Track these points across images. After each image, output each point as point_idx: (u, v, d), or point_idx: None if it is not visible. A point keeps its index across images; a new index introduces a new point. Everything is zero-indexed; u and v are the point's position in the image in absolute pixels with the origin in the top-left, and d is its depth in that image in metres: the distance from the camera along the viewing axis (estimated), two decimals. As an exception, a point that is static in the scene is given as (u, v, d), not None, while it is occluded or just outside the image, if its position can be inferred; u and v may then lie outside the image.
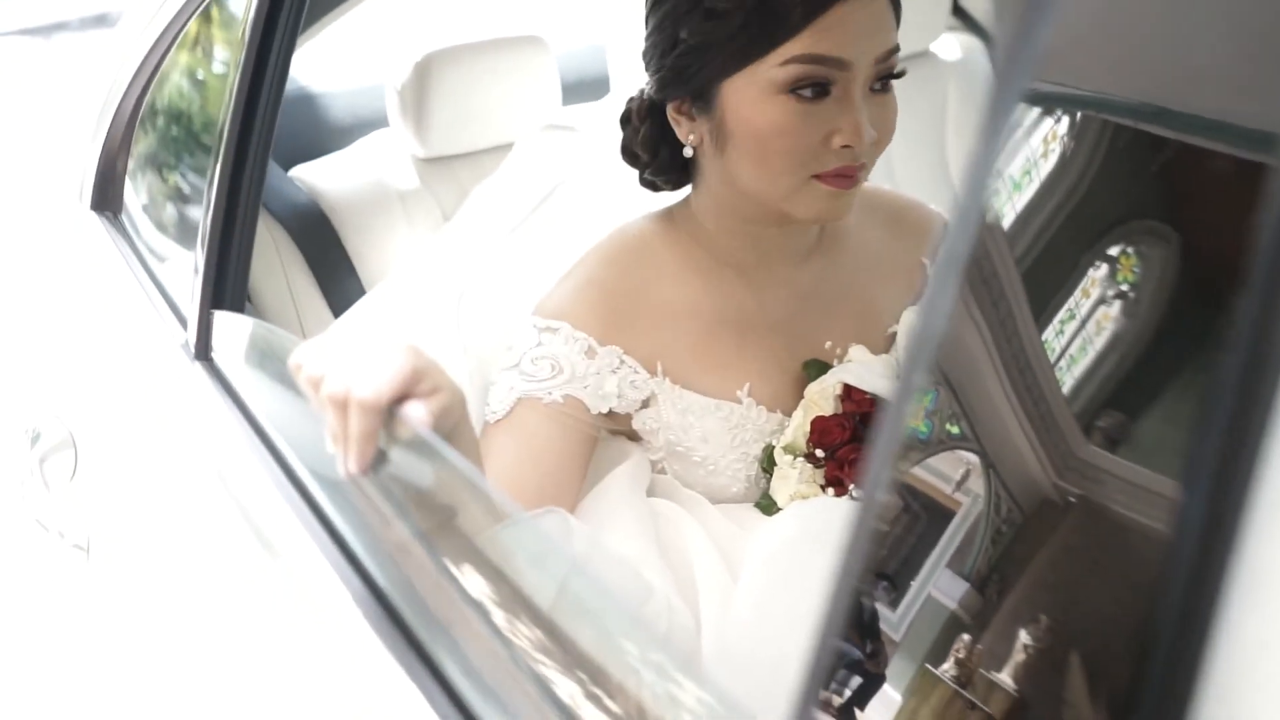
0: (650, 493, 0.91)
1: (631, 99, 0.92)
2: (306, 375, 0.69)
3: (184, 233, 1.19)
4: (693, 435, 0.89)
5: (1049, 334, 0.39)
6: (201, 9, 1.22)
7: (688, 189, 0.94)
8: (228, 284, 0.99)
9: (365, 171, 1.51)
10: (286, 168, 1.52)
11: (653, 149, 0.90)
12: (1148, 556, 0.31)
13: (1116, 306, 0.36)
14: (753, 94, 0.82)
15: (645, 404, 0.89)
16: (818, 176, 0.82)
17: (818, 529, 0.82)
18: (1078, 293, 0.39)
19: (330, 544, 0.79)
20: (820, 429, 0.87)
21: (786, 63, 0.80)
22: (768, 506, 0.89)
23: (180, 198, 1.24)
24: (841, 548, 0.40)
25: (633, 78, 1.13)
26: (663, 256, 0.91)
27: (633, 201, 0.96)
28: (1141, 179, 0.37)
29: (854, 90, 0.81)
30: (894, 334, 0.95)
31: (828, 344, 0.93)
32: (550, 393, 0.86)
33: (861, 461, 0.85)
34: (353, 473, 0.68)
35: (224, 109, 1.00)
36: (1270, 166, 0.32)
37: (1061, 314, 0.39)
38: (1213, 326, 0.32)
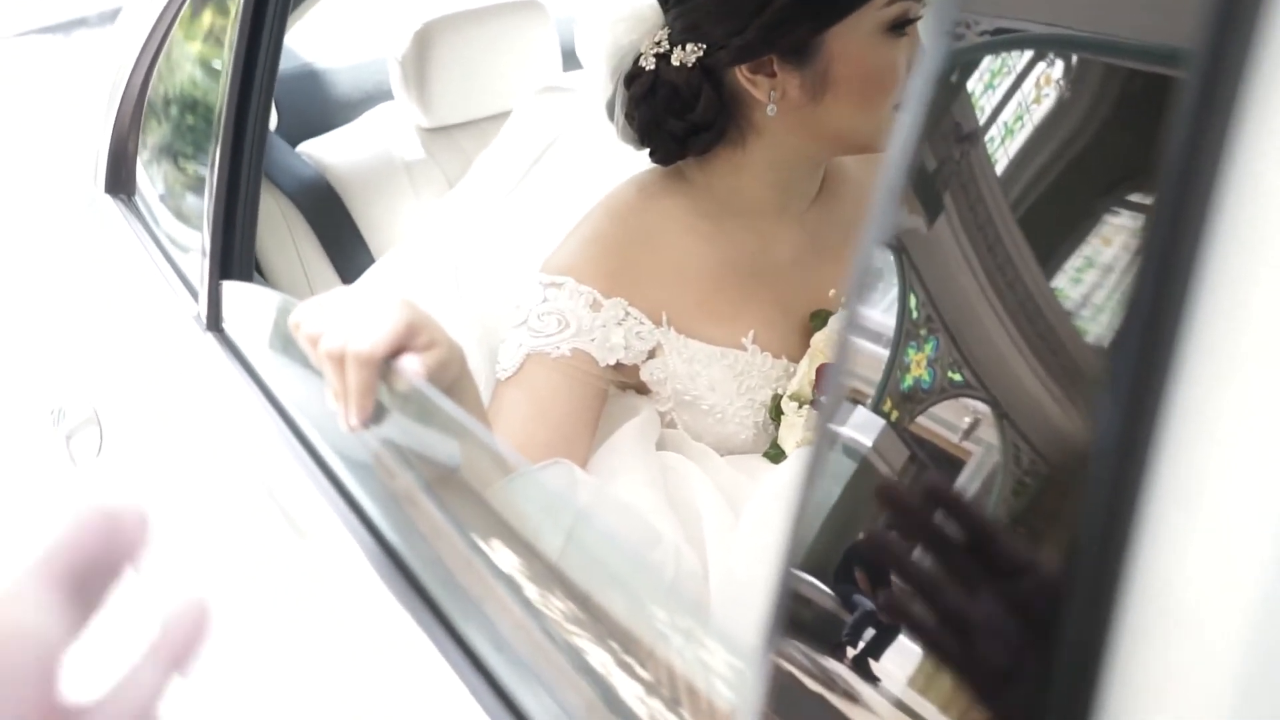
0: (659, 447, 0.88)
1: (648, 71, 0.85)
2: (305, 333, 0.68)
3: (193, 213, 1.16)
4: (700, 384, 0.87)
5: (1061, 281, 0.36)
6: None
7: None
8: (234, 256, 0.96)
9: (371, 144, 1.47)
10: (294, 144, 1.48)
11: (713, 116, 0.84)
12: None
13: (1127, 261, 0.32)
14: (861, 37, 0.81)
15: (652, 354, 0.87)
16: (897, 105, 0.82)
17: None
18: (1096, 240, 0.36)
19: (345, 507, 0.76)
20: (826, 376, 0.84)
21: (892, 1, 0.80)
22: (776, 455, 0.86)
23: (187, 180, 1.21)
24: (797, 486, 0.38)
25: (603, 57, 1.03)
26: (669, 209, 0.88)
27: (626, 155, 0.92)
28: (1153, 123, 0.33)
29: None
30: None
31: (831, 292, 0.90)
32: (558, 347, 0.84)
33: None
34: (354, 427, 0.66)
35: (220, 87, 0.97)
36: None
37: (1077, 261, 0.36)
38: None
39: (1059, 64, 0.37)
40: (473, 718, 0.58)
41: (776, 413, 0.87)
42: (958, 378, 0.37)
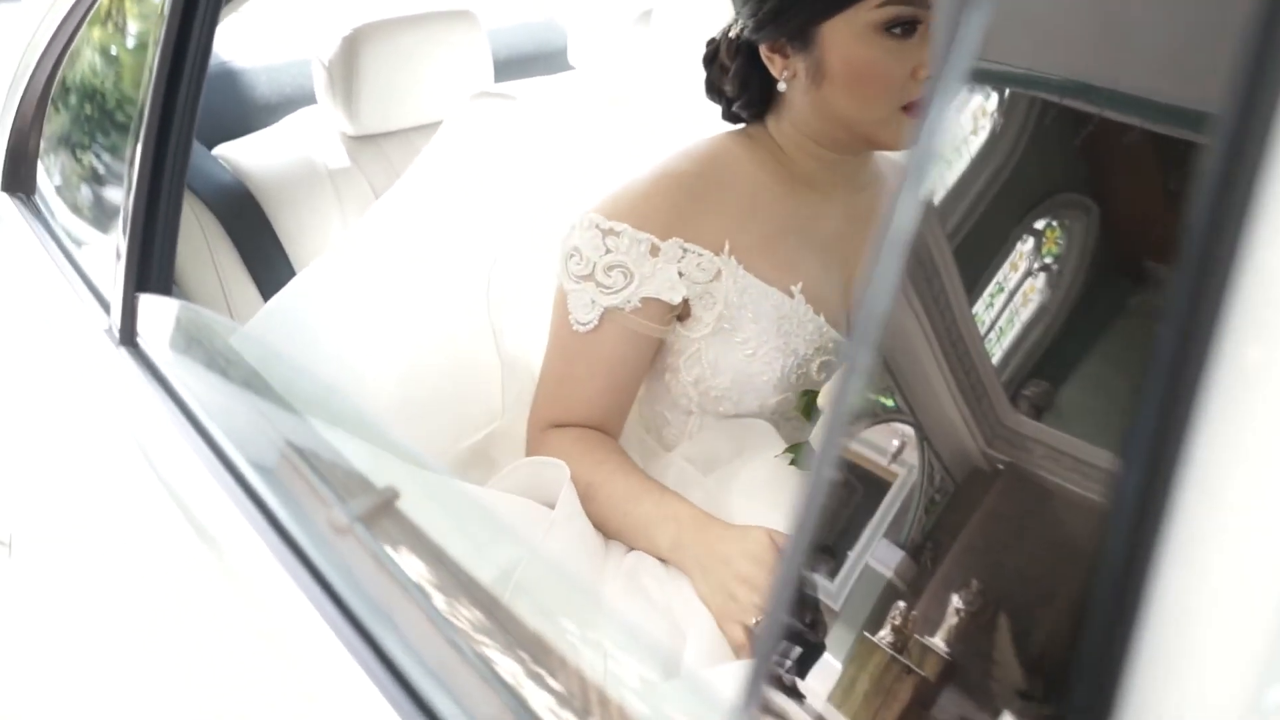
0: (652, 469, 0.96)
1: (715, 40, 0.99)
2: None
3: (102, 215, 1.15)
4: (744, 315, 0.95)
5: (979, 307, 0.40)
6: (116, -19, 1.17)
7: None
8: (152, 266, 0.96)
9: (293, 150, 1.47)
10: (210, 146, 1.48)
11: (742, 84, 0.97)
12: (1070, 519, 0.32)
13: (1041, 279, 0.37)
14: (851, 34, 0.89)
15: (711, 281, 0.96)
16: (905, 108, 0.91)
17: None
18: (1006, 266, 0.40)
19: (267, 527, 0.77)
20: None
21: (884, 4, 0.88)
22: (801, 459, 0.91)
23: (97, 179, 1.20)
24: (793, 524, 0.40)
25: (590, 49, 1.15)
26: (741, 159, 0.99)
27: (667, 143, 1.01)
28: (1066, 154, 0.38)
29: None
30: None
31: None
32: (629, 300, 0.94)
33: None
34: None
35: (144, 86, 0.97)
36: (1187, 141, 0.33)
37: (991, 287, 0.40)
38: (1131, 297, 0.33)
39: (995, 97, 0.41)
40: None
41: (808, 409, 0.93)
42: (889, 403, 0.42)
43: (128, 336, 0.97)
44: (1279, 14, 0.30)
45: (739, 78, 0.97)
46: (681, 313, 0.97)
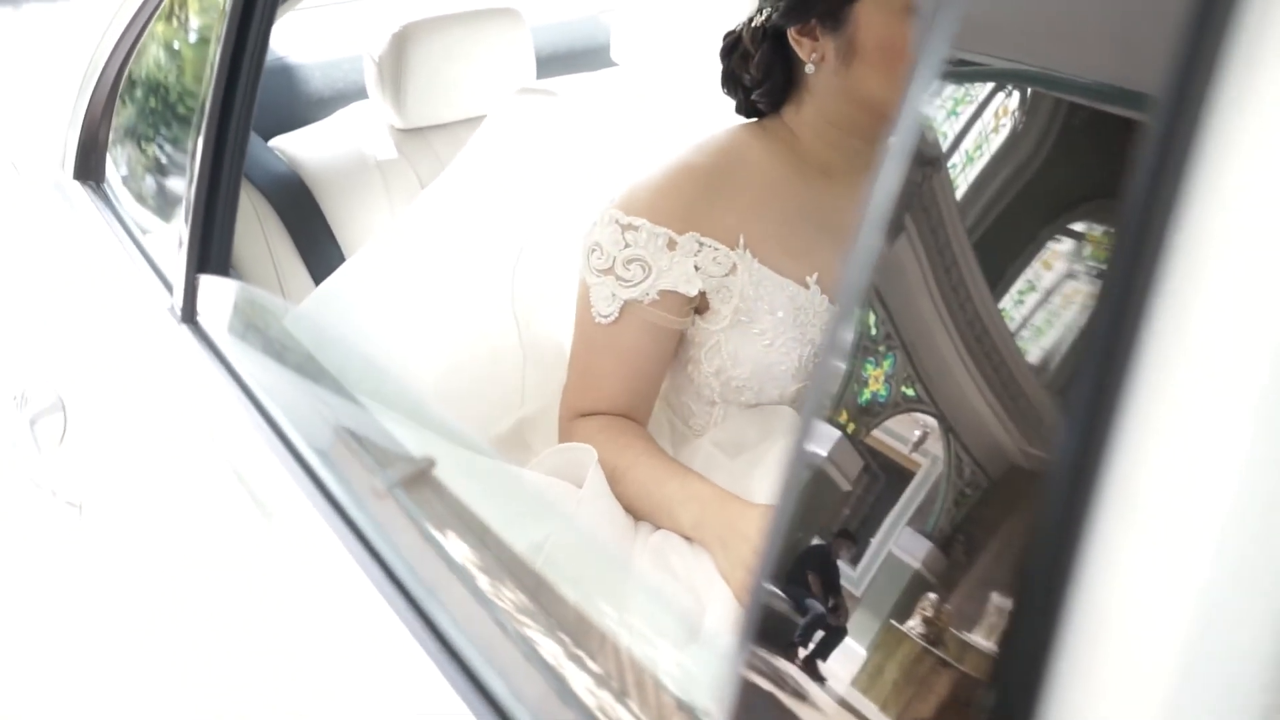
0: (683, 456, 0.94)
1: (734, 31, 0.97)
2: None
3: (165, 202, 1.16)
4: (760, 307, 0.93)
5: (1006, 303, 0.39)
6: (181, -21, 1.18)
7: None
8: (212, 250, 0.97)
9: (344, 142, 1.48)
10: (266, 138, 1.49)
11: (766, 71, 0.95)
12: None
13: (1084, 282, 0.36)
14: (888, 11, 0.88)
15: (727, 275, 0.94)
16: None
17: None
18: (1036, 264, 0.39)
19: (316, 492, 0.78)
20: None
21: None
22: None
23: (161, 168, 1.21)
24: (777, 499, 0.40)
25: (634, 44, 1.14)
26: (755, 151, 0.97)
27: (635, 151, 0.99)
28: (1102, 158, 0.37)
29: None
30: None
31: None
32: (648, 293, 0.93)
33: None
34: None
35: (205, 81, 0.98)
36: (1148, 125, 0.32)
37: (1019, 284, 0.39)
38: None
39: (1018, 97, 0.40)
40: (443, 697, 0.60)
41: None
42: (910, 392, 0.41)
43: (189, 314, 0.99)
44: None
45: (763, 65, 0.95)
46: (700, 306, 0.96)
